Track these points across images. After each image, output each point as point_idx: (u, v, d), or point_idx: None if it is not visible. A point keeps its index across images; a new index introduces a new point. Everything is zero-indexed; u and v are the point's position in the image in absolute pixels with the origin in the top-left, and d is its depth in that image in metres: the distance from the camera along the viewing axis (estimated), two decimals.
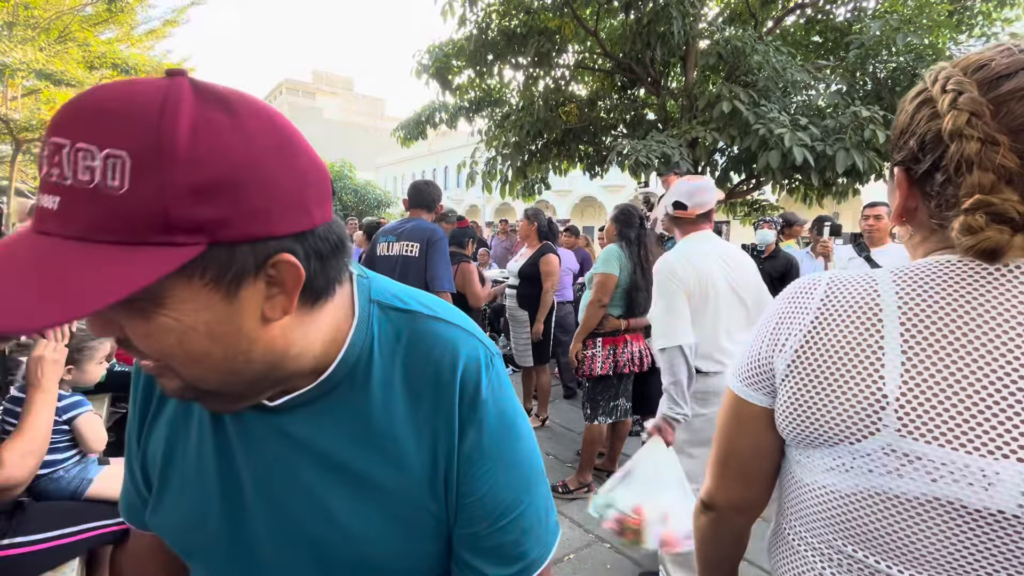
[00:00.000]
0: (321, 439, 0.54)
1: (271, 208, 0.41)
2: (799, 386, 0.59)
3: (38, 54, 10.61)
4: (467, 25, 7.37)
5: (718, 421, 0.74)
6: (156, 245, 0.37)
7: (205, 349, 0.43)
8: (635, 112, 8.22)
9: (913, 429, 0.51)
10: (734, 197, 8.36)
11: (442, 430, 0.54)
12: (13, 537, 1.50)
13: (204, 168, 0.37)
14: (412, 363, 0.55)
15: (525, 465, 0.58)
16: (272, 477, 0.54)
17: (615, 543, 2.68)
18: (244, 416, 0.55)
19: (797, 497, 0.63)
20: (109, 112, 0.36)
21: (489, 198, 14.06)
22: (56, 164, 0.36)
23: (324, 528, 0.54)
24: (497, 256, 8.42)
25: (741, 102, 5.67)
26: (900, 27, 5.51)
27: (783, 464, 0.68)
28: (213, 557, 0.58)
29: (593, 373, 3.04)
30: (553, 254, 4.00)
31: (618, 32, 7.53)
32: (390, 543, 0.54)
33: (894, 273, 0.57)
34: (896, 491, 0.52)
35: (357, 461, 0.54)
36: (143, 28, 13.61)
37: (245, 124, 0.40)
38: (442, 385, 0.54)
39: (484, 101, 8.79)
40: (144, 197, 0.36)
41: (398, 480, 0.54)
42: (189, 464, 0.57)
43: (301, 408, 0.54)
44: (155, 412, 0.61)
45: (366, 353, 0.55)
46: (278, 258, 0.43)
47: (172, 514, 0.58)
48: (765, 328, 0.65)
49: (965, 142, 0.51)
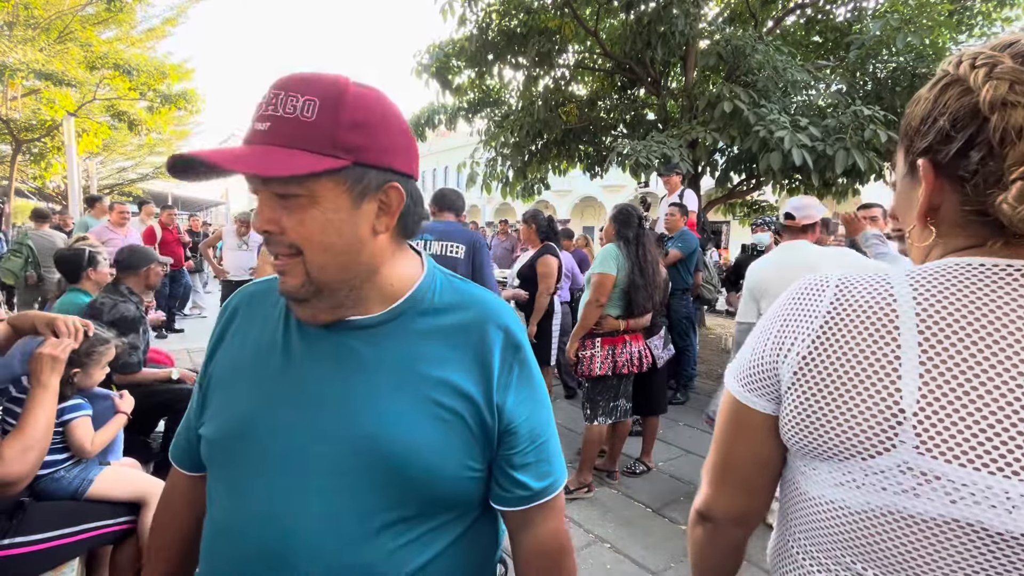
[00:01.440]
0: (384, 354, 0.67)
1: (391, 148, 0.63)
2: (806, 395, 0.56)
3: (38, 54, 10.61)
4: (467, 25, 7.37)
5: (716, 426, 0.69)
6: (326, 155, 0.59)
7: (334, 239, 0.62)
8: (635, 112, 8.22)
9: (932, 447, 0.48)
10: (734, 197, 8.36)
11: (492, 365, 0.69)
12: (13, 537, 1.50)
13: (357, 112, 0.60)
14: (466, 313, 0.71)
15: (546, 405, 0.75)
16: (335, 383, 0.66)
17: (615, 543, 2.68)
18: (312, 332, 0.69)
19: (802, 510, 0.60)
20: (309, 79, 0.61)
21: (489, 198, 14.06)
22: (272, 104, 0.59)
23: (378, 428, 0.64)
24: (497, 256, 8.41)
25: (742, 102, 5.67)
26: (900, 27, 5.51)
27: (786, 473, 0.65)
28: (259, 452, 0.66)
29: (592, 373, 3.04)
30: (551, 255, 3.93)
31: (618, 32, 7.53)
32: (435, 449, 0.65)
33: (910, 275, 0.54)
34: (912, 511, 0.49)
35: (414, 376, 0.67)
36: (143, 27, 13.60)
37: (377, 95, 0.64)
38: (490, 332, 0.70)
39: (484, 101, 8.79)
40: (324, 124, 0.59)
41: (451, 398, 0.67)
42: (254, 375, 0.70)
43: (370, 328, 0.68)
44: (228, 341, 0.76)
45: (429, 296, 0.71)
46: (391, 184, 0.64)
47: (232, 411, 0.69)
48: (769, 329, 0.61)
49: (1010, 109, 0.48)
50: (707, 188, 8.67)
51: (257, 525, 0.64)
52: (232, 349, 0.74)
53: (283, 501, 0.64)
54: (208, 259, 6.66)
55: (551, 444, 0.74)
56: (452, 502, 0.68)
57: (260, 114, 0.60)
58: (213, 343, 0.77)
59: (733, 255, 8.71)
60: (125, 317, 2.54)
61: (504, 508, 0.72)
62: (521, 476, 0.70)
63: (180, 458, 0.82)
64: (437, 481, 0.65)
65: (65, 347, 1.47)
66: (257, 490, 0.65)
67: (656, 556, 2.59)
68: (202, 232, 10.31)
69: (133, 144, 17.53)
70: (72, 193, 8.83)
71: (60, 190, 15.50)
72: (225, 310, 0.79)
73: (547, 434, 0.73)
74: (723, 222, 14.32)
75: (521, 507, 0.71)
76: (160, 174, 20.05)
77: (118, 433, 2.01)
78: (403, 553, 0.64)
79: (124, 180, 20.09)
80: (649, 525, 2.86)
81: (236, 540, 0.66)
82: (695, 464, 3.66)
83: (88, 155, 13.18)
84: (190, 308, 8.48)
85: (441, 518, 0.67)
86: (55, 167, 12.87)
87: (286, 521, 0.63)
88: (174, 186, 21.65)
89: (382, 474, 0.64)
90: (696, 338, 5.24)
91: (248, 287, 0.81)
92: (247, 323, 0.75)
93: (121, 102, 12.49)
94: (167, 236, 6.79)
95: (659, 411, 3.46)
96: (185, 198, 24.72)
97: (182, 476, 0.82)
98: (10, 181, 12.59)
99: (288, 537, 0.63)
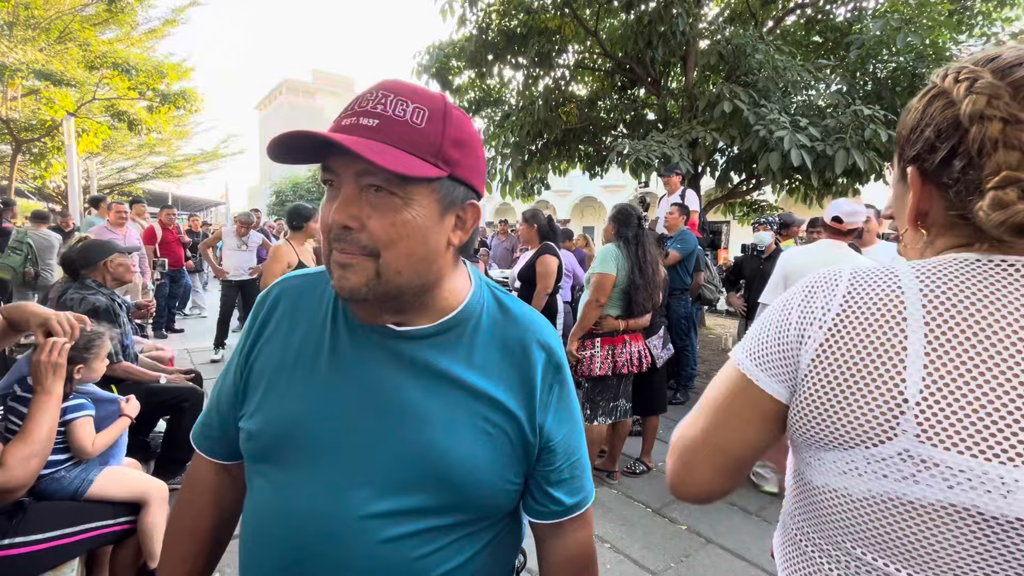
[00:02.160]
0: (435, 366, 0.68)
1: (476, 169, 0.67)
2: (818, 385, 0.57)
3: (38, 54, 10.60)
4: (467, 25, 7.36)
5: (706, 405, 0.67)
6: (429, 162, 0.61)
7: (418, 246, 0.63)
8: (635, 112, 8.21)
9: (932, 435, 0.50)
10: (734, 197, 8.36)
11: (535, 384, 0.71)
12: (13, 537, 1.50)
13: (459, 131, 0.64)
14: (512, 331, 0.74)
15: (580, 422, 0.78)
16: (388, 389, 0.67)
17: (615, 543, 2.68)
18: (363, 336, 0.70)
19: (808, 501, 0.62)
20: (417, 89, 0.64)
21: (489, 198, 14.06)
22: (381, 102, 0.61)
23: (430, 437, 0.66)
24: (497, 256, 8.42)
25: (742, 102, 5.67)
26: (900, 27, 5.51)
27: (793, 465, 0.66)
28: (308, 451, 0.67)
29: (592, 373, 3.04)
30: (551, 255, 3.90)
31: (618, 32, 7.52)
32: (481, 462, 0.67)
33: (915, 268, 0.56)
34: (911, 497, 0.51)
35: (462, 390, 0.68)
36: (143, 28, 13.59)
37: (469, 120, 0.68)
38: (533, 351, 0.73)
39: (484, 101, 8.79)
40: (431, 132, 0.62)
41: (496, 414, 0.69)
42: (304, 374, 0.70)
43: (420, 340, 0.69)
44: (270, 334, 0.75)
45: (478, 311, 0.73)
46: (471, 202, 0.68)
47: (279, 410, 0.69)
48: (789, 315, 0.61)
49: (987, 123, 0.52)
50: (707, 188, 8.67)
51: (299, 521, 0.66)
52: (276, 343, 0.73)
53: (326, 500, 0.65)
54: (208, 259, 6.65)
55: (583, 460, 0.77)
56: (487, 512, 0.71)
57: (365, 109, 0.61)
58: (253, 334, 0.76)
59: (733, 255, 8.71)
60: (96, 308, 2.53)
61: (538, 521, 0.76)
62: (556, 492, 0.74)
63: (211, 448, 0.81)
64: (480, 493, 0.68)
65: (63, 349, 1.46)
66: (302, 488, 0.66)
67: (656, 556, 2.59)
68: (202, 232, 10.30)
69: (133, 144, 17.50)
70: (72, 193, 8.83)
71: (60, 190, 15.49)
72: (264, 301, 0.78)
73: (580, 451, 0.77)
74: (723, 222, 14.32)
75: (554, 520, 0.75)
76: (160, 174, 20.03)
77: (121, 436, 2.01)
78: (433, 558, 0.66)
79: (124, 180, 20.06)
80: (649, 525, 2.86)
81: (277, 535, 0.67)
82: None
83: (88, 155, 13.16)
84: (190, 308, 8.49)
85: (474, 527, 0.69)
86: (55, 167, 12.85)
87: (326, 522, 0.65)
88: (174, 186, 21.68)
89: (431, 482, 0.65)
90: (696, 338, 5.24)
91: (290, 279, 0.79)
92: (292, 317, 0.74)
93: (121, 102, 12.48)
94: (167, 236, 6.79)
95: (659, 411, 3.46)
96: (185, 198, 24.72)
97: (209, 464, 0.82)
98: (10, 181, 12.59)
99: (326, 537, 0.64)
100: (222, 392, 0.79)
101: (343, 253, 0.62)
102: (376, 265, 0.62)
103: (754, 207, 9.07)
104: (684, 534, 2.80)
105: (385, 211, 0.61)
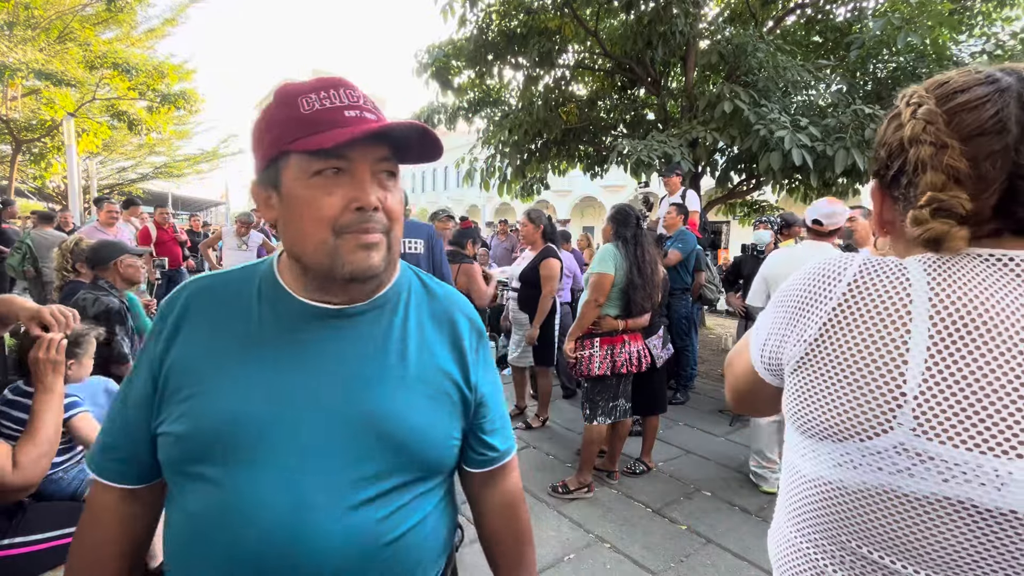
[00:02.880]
0: (373, 337, 0.75)
1: None
2: (812, 376, 0.58)
3: (38, 54, 10.60)
4: (467, 25, 7.36)
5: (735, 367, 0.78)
6: None
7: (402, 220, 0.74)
8: (635, 112, 8.20)
9: (928, 429, 0.50)
10: (734, 197, 8.36)
11: (464, 347, 0.82)
12: (13, 537, 1.50)
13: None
14: (437, 304, 0.83)
15: (499, 380, 0.90)
16: (332, 367, 0.71)
17: (615, 543, 2.68)
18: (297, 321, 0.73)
19: (801, 493, 0.63)
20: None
21: (489, 198, 14.06)
22: (364, 100, 0.69)
23: (381, 405, 0.71)
24: (497, 256, 8.41)
25: (742, 102, 5.66)
26: (901, 27, 5.50)
27: (787, 457, 0.67)
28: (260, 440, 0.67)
29: (591, 373, 3.04)
30: (554, 258, 3.95)
31: (618, 32, 7.51)
32: (428, 422, 0.75)
33: (923, 261, 0.57)
34: (906, 490, 0.52)
35: (403, 359, 0.75)
36: (143, 27, 13.59)
37: None
38: (459, 320, 0.84)
39: (484, 101, 8.78)
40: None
41: (437, 377, 0.77)
42: (242, 364, 0.71)
43: (359, 315, 0.75)
44: (187, 335, 0.74)
45: (406, 290, 0.81)
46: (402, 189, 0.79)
47: (215, 407, 0.69)
48: (782, 310, 0.65)
49: (920, 146, 0.56)
50: (707, 188, 8.67)
51: (260, 511, 0.66)
52: (196, 343, 0.73)
53: (288, 484, 0.66)
54: (208, 259, 6.65)
55: (507, 413, 0.90)
56: (436, 469, 0.77)
57: (359, 105, 0.69)
58: (166, 337, 0.74)
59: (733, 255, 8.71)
60: (110, 309, 2.54)
61: (476, 470, 0.86)
62: (491, 440, 0.85)
63: (120, 471, 0.75)
64: (429, 451, 0.75)
65: (60, 345, 1.45)
66: (261, 478, 0.66)
67: (656, 556, 2.59)
68: (202, 232, 10.30)
69: (133, 144, 17.49)
70: (72, 193, 8.82)
71: (60, 190, 15.49)
72: (174, 303, 0.76)
73: (504, 405, 0.90)
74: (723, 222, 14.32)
75: (490, 468, 0.86)
76: (160, 174, 20.03)
77: None
78: (394, 518, 0.71)
79: (124, 180, 20.06)
80: (649, 525, 2.86)
81: (229, 533, 0.66)
82: (695, 464, 3.66)
83: (88, 155, 13.16)
84: None
85: (425, 486, 0.76)
86: (55, 167, 12.85)
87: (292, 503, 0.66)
88: (174, 186, 21.67)
89: (385, 447, 0.70)
90: (696, 338, 5.24)
91: (199, 280, 0.79)
92: (210, 316, 0.74)
93: (121, 102, 12.48)
94: (162, 235, 6.74)
95: (659, 411, 3.46)
96: (185, 198, 24.71)
97: (115, 492, 0.75)
98: (10, 181, 12.59)
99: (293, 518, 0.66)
100: (127, 406, 0.75)
101: (370, 234, 0.69)
102: (388, 240, 0.72)
103: (754, 207, 9.07)
104: (684, 534, 2.80)
105: (394, 191, 0.72)
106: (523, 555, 0.90)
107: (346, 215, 0.67)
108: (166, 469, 0.72)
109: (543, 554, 2.56)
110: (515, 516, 0.90)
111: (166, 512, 0.73)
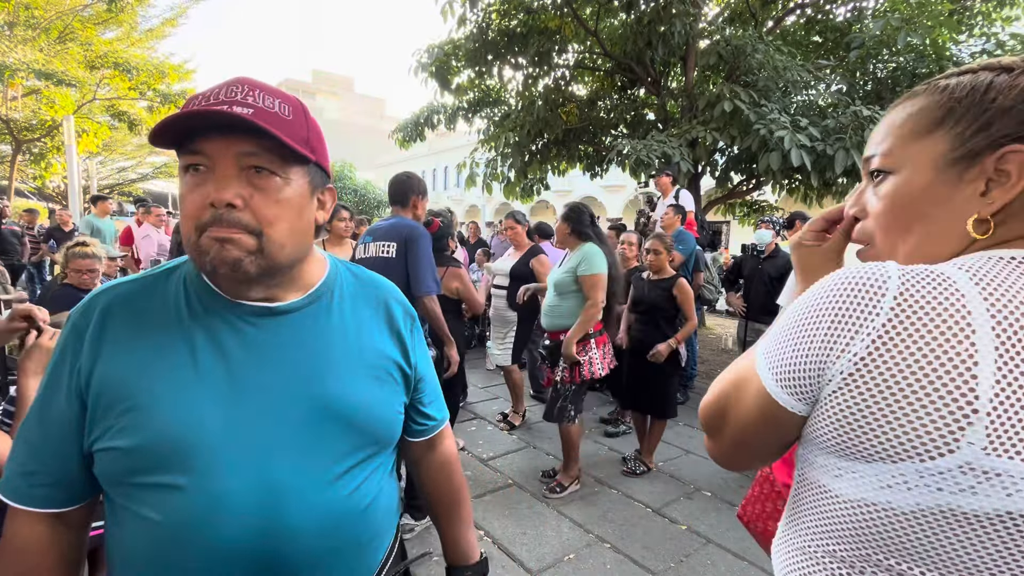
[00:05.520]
0: (315, 330, 0.77)
1: (327, 159, 0.78)
2: (861, 397, 0.52)
3: (38, 54, 10.61)
4: (467, 25, 7.35)
5: (735, 404, 0.65)
6: (301, 147, 0.69)
7: (297, 221, 0.72)
8: (635, 112, 8.20)
9: (999, 445, 0.47)
10: (734, 197, 8.35)
11: (401, 331, 0.87)
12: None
13: (316, 127, 0.74)
14: (371, 292, 0.87)
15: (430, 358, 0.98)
16: (272, 361, 0.73)
17: (615, 543, 2.68)
18: (240, 326, 0.73)
19: (827, 511, 0.59)
20: (277, 90, 0.71)
21: (489, 198, 14.05)
22: (250, 95, 0.67)
23: (332, 390, 0.74)
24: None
25: (742, 102, 5.66)
26: (901, 27, 5.50)
27: (804, 472, 0.62)
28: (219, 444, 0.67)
29: (596, 375, 3.05)
30: (544, 254, 4.05)
31: (618, 32, 7.51)
32: (377, 401, 0.80)
33: (962, 268, 0.53)
34: (966, 508, 0.49)
35: (346, 347, 0.79)
36: (143, 27, 13.59)
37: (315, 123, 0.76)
38: (393, 305, 0.89)
39: (484, 101, 8.78)
40: (298, 125, 0.70)
41: (379, 360, 0.82)
42: (179, 375, 0.69)
43: (296, 311, 0.77)
44: (111, 347, 0.69)
45: (339, 280, 0.84)
46: (328, 186, 0.80)
47: (163, 417, 0.67)
48: (814, 327, 0.55)
49: None
50: (707, 188, 8.66)
51: (234, 509, 0.66)
52: (123, 354, 0.68)
53: (258, 479, 0.68)
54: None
55: (439, 387, 0.99)
56: (387, 441, 0.83)
57: (235, 100, 0.65)
58: (86, 351, 0.69)
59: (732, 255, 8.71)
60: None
61: (418, 439, 0.95)
62: (430, 411, 0.95)
63: (45, 496, 0.69)
64: (380, 427, 0.80)
65: (55, 336, 1.45)
66: (229, 477, 0.67)
67: (656, 556, 2.58)
68: None
69: (133, 144, 17.51)
70: (72, 193, 8.82)
71: (60, 190, 15.49)
72: (89, 314, 0.71)
73: (435, 380, 0.98)
74: (723, 222, 14.32)
75: (430, 436, 0.96)
76: (160, 174, 20.04)
77: None
78: (361, 491, 0.77)
79: (124, 180, 20.08)
80: (649, 525, 2.86)
81: (202, 537, 0.66)
82: (695, 464, 3.66)
83: (88, 155, 13.16)
84: None
85: (379, 458, 0.82)
86: (55, 167, 12.86)
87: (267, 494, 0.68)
88: (174, 186, 21.66)
89: (342, 428, 0.75)
90: (696, 338, 5.23)
91: (113, 287, 0.74)
92: (134, 325, 0.70)
93: (121, 102, 12.49)
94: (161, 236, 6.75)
95: (669, 415, 3.49)
96: None
97: (40, 519, 0.70)
98: (10, 181, 12.59)
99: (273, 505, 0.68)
100: (47, 426, 0.70)
101: (223, 230, 0.65)
102: (258, 242, 0.67)
103: (754, 207, 9.07)
104: (684, 534, 2.79)
105: (268, 191, 0.68)
106: (461, 506, 1.00)
107: (205, 212, 0.65)
108: (109, 484, 0.69)
109: (543, 554, 2.56)
110: (452, 473, 1.00)
111: (111, 527, 0.70)
